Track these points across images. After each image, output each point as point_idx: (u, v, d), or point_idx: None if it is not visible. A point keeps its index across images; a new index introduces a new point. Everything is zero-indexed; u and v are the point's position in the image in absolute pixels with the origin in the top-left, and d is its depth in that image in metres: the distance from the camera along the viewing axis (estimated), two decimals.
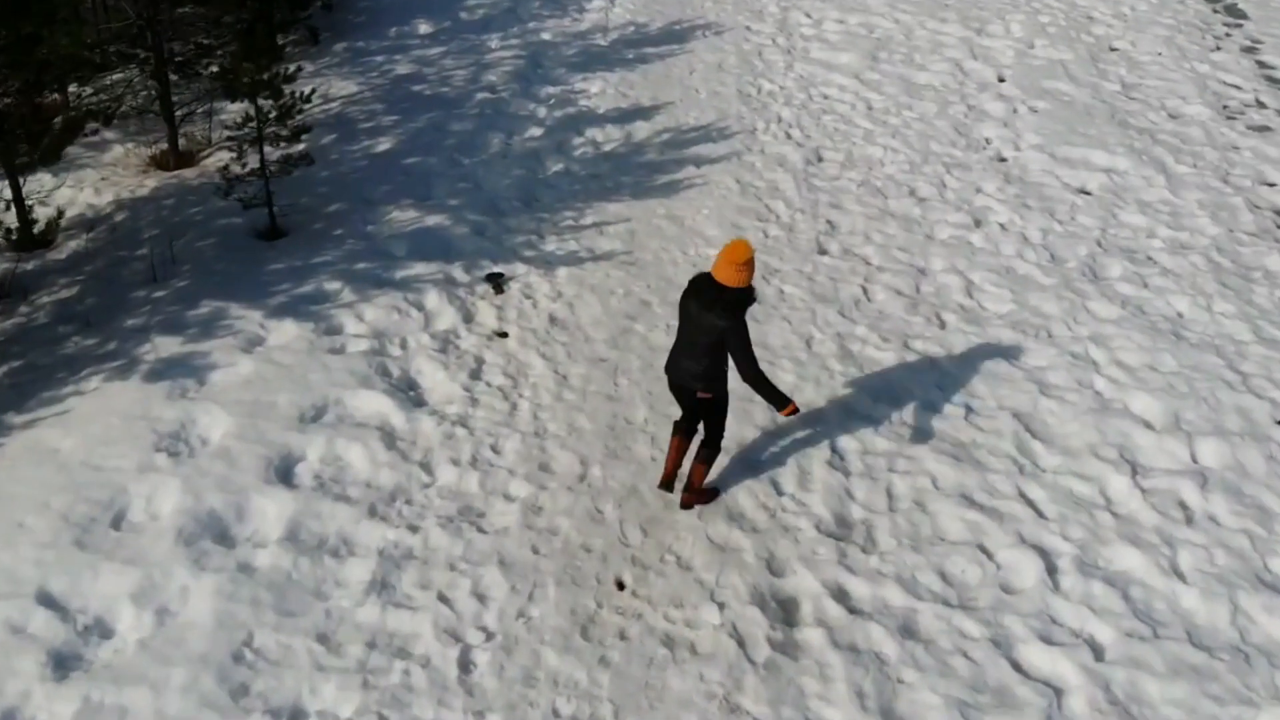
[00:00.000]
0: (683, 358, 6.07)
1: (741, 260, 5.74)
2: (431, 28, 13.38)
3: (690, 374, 6.05)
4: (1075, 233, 9.57)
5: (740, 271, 5.77)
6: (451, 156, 10.57)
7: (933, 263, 9.15)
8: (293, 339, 7.90)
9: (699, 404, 6.22)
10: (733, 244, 5.82)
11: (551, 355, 7.96)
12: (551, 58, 12.79)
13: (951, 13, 14.21)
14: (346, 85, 11.96)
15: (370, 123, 11.17)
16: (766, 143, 11.11)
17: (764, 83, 12.38)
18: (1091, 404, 7.52)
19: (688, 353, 6.03)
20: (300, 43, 13.24)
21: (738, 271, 5.77)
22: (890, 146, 11.01)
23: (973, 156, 10.87)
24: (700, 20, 13.90)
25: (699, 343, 5.94)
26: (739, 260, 5.75)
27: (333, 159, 10.48)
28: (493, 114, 11.46)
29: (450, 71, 12.27)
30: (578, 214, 9.80)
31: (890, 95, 12.06)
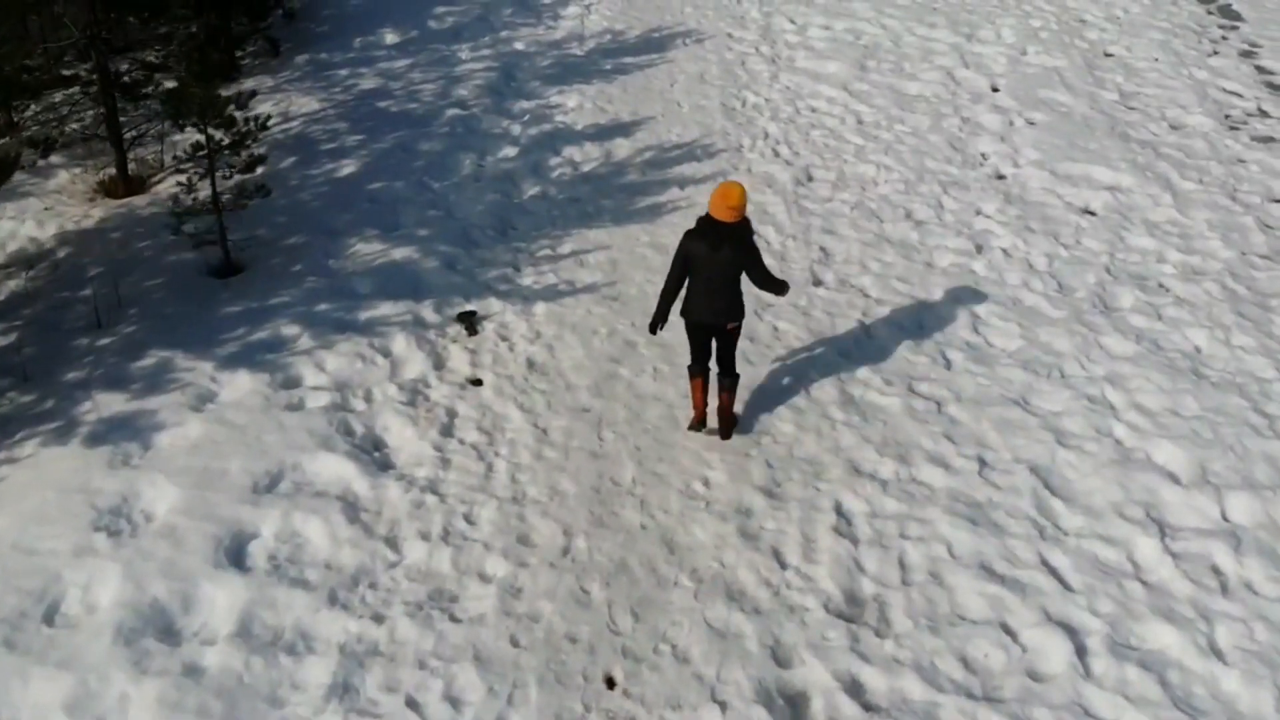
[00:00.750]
0: (708, 299, 6.55)
1: (736, 203, 6.32)
2: (398, 37, 12.64)
3: (719, 311, 6.57)
4: (1082, 258, 8.99)
5: (738, 209, 6.34)
6: (420, 180, 9.87)
7: (934, 294, 8.55)
8: (246, 394, 7.21)
9: (724, 337, 6.71)
10: (724, 187, 6.39)
11: (530, 406, 7.30)
12: (526, 69, 12.09)
13: (940, 17, 13.60)
14: (308, 102, 11.22)
15: (333, 143, 10.44)
16: (753, 161, 10.47)
17: (749, 95, 11.73)
18: (1112, 455, 6.94)
19: (712, 293, 6.53)
20: (260, 55, 12.48)
21: (736, 211, 6.34)
22: (883, 164, 10.40)
23: (970, 174, 10.27)
24: (680, 27, 13.23)
25: (720, 281, 6.49)
26: (733, 203, 6.32)
27: (292, 185, 9.75)
28: (464, 132, 10.76)
29: (418, 86, 11.55)
30: (556, 243, 9.13)
31: (880, 107, 11.44)
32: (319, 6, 13.37)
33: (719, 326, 6.63)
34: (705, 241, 6.41)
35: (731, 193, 6.33)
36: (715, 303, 6.55)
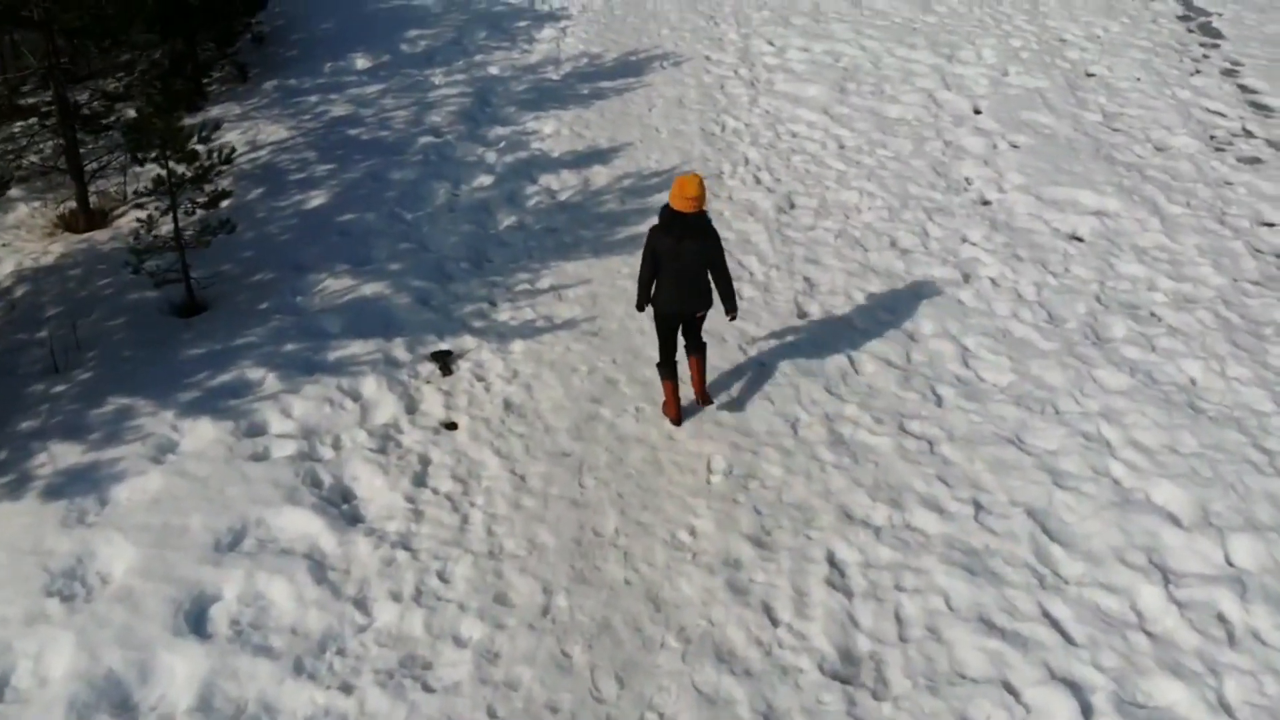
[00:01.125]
0: (677, 290, 6.81)
1: (694, 193, 6.54)
2: (370, 62, 12.32)
3: (687, 301, 6.86)
4: (1071, 287, 8.76)
5: (698, 199, 6.56)
6: (392, 211, 9.55)
7: (922, 326, 8.29)
8: (209, 443, 6.85)
9: (693, 323, 7.06)
10: (681, 179, 6.58)
11: (507, 451, 6.98)
12: (500, 94, 11.80)
13: (920, 38, 13.41)
14: (276, 130, 10.88)
15: (302, 173, 10.10)
16: (734, 188, 10.21)
17: (728, 119, 11.48)
18: (1111, 496, 6.69)
19: (681, 284, 6.79)
20: (228, 80, 12.14)
21: (696, 201, 6.56)
22: (866, 190, 10.15)
23: (954, 200, 10.04)
24: (657, 50, 12.97)
25: (691, 270, 6.75)
26: (690, 193, 6.54)
27: (259, 217, 9.41)
28: (437, 160, 10.45)
29: (390, 112, 11.23)
30: (533, 276, 8.82)
31: (862, 131, 11.21)
32: (289, 31, 13.04)
33: (688, 315, 6.94)
34: (670, 235, 6.62)
35: (689, 184, 6.52)
36: (684, 292, 6.81)
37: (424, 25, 13.17)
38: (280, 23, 13.30)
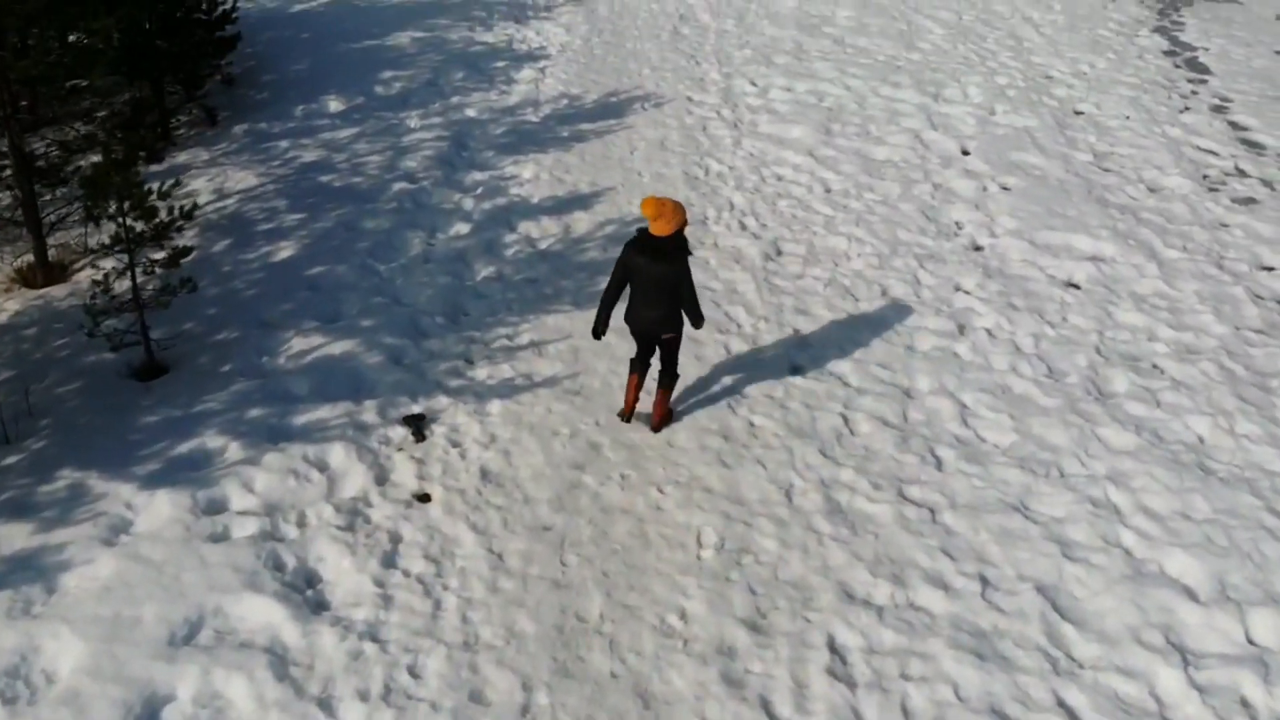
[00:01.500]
0: (644, 309, 6.78)
1: (655, 214, 6.45)
2: (343, 105, 11.92)
3: (654, 321, 6.79)
4: (1070, 338, 8.42)
5: (669, 220, 6.46)
6: (364, 263, 9.12)
7: (918, 381, 7.91)
8: (165, 522, 6.38)
9: (663, 345, 6.97)
10: (656, 201, 6.49)
11: (484, 526, 6.54)
12: (478, 138, 11.42)
13: (904, 76, 13.13)
14: (245, 177, 10.45)
15: (270, 223, 9.67)
16: (720, 234, 9.84)
17: (711, 162, 11.13)
18: (1123, 568, 6.30)
19: (648, 304, 6.74)
20: (196, 124, 11.71)
21: (667, 222, 6.46)
22: (855, 236, 9.80)
23: (945, 245, 9.70)
24: (638, 91, 12.63)
25: (656, 294, 6.66)
26: (654, 214, 6.45)
27: (225, 271, 8.97)
28: (412, 208, 10.04)
29: (363, 158, 10.83)
30: (512, 330, 8.41)
31: (848, 174, 10.87)
32: (260, 72, 12.65)
33: (655, 336, 6.90)
34: (644, 255, 6.58)
35: (663, 206, 6.46)
36: (651, 313, 6.78)
37: (399, 66, 12.80)
38: (251, 64, 12.91)
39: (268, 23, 14.03)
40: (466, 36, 13.78)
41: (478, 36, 13.83)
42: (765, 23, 14.73)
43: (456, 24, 14.20)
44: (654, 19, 14.85)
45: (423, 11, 14.51)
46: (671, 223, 6.49)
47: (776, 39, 14.17)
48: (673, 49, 13.86)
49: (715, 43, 14.08)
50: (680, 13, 15.10)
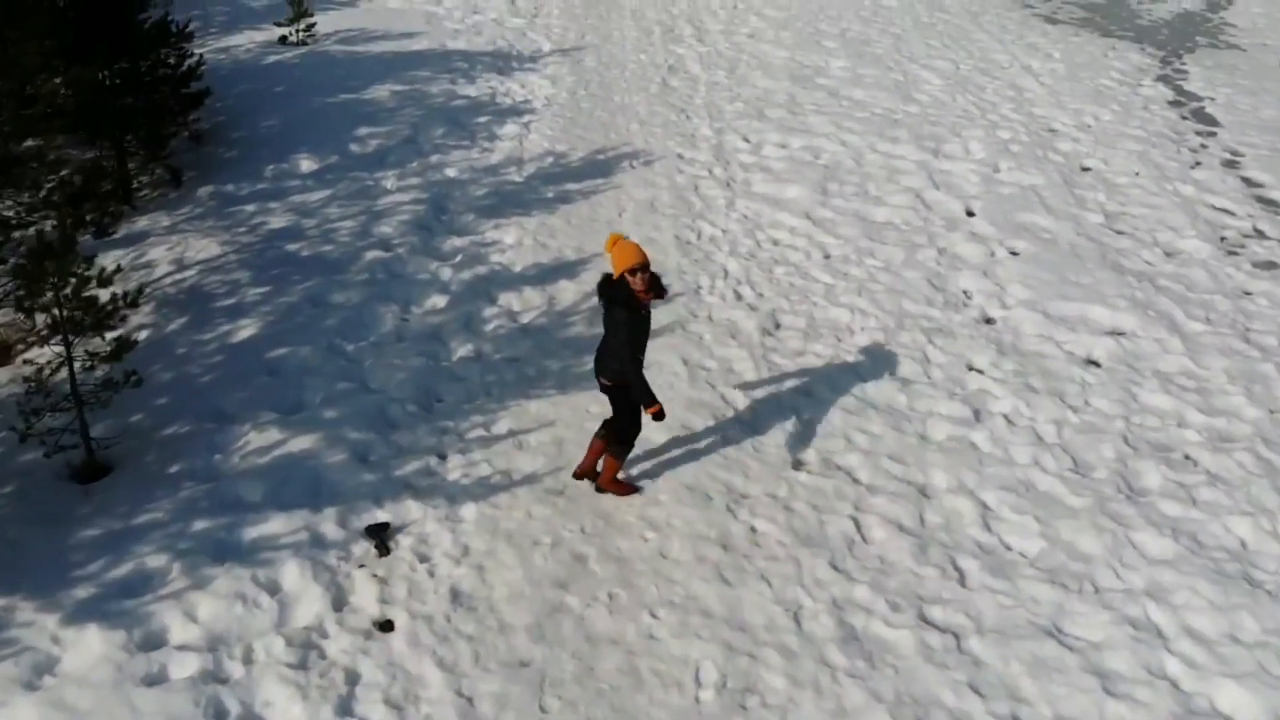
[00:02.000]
0: (602, 352, 6.43)
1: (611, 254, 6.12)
2: (316, 164, 11.19)
3: (604, 365, 6.37)
4: (1094, 424, 7.69)
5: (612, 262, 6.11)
6: (331, 343, 8.35)
7: (934, 477, 7.17)
8: (96, 660, 5.58)
9: (608, 394, 6.48)
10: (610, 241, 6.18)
11: (453, 661, 5.74)
12: (458, 200, 10.69)
13: (903, 131, 12.48)
14: (207, 245, 9.69)
15: (232, 298, 8.91)
16: (714, 305, 9.11)
17: (704, 225, 10.42)
18: (1171, 705, 5.56)
19: (603, 347, 6.40)
20: (160, 184, 10.96)
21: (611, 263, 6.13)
22: (857, 307, 9.09)
23: (954, 317, 8.99)
24: (627, 148, 11.94)
25: (607, 337, 6.31)
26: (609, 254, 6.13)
27: (179, 354, 8.19)
28: (386, 279, 9.29)
29: (335, 223, 10.09)
30: (490, 419, 7.65)
31: (848, 238, 10.17)
32: (230, 128, 11.93)
33: (600, 382, 6.51)
34: (600, 297, 6.29)
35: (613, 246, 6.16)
36: (606, 358, 6.39)
37: (376, 122, 12.09)
38: (221, 119, 12.19)
39: (241, 75, 13.34)
40: (448, 90, 13.10)
41: (459, 90, 13.15)
42: (757, 74, 14.10)
43: (438, 76, 13.52)
44: (642, 70, 14.21)
45: (403, 63, 13.84)
46: (614, 265, 6.12)
47: (769, 91, 13.54)
48: (662, 102, 13.20)
49: (706, 95, 13.43)
50: (669, 64, 14.47)
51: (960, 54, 15.08)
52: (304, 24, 14.23)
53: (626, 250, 6.09)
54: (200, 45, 13.81)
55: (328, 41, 14.42)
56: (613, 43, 15.28)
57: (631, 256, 6.06)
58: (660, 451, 7.31)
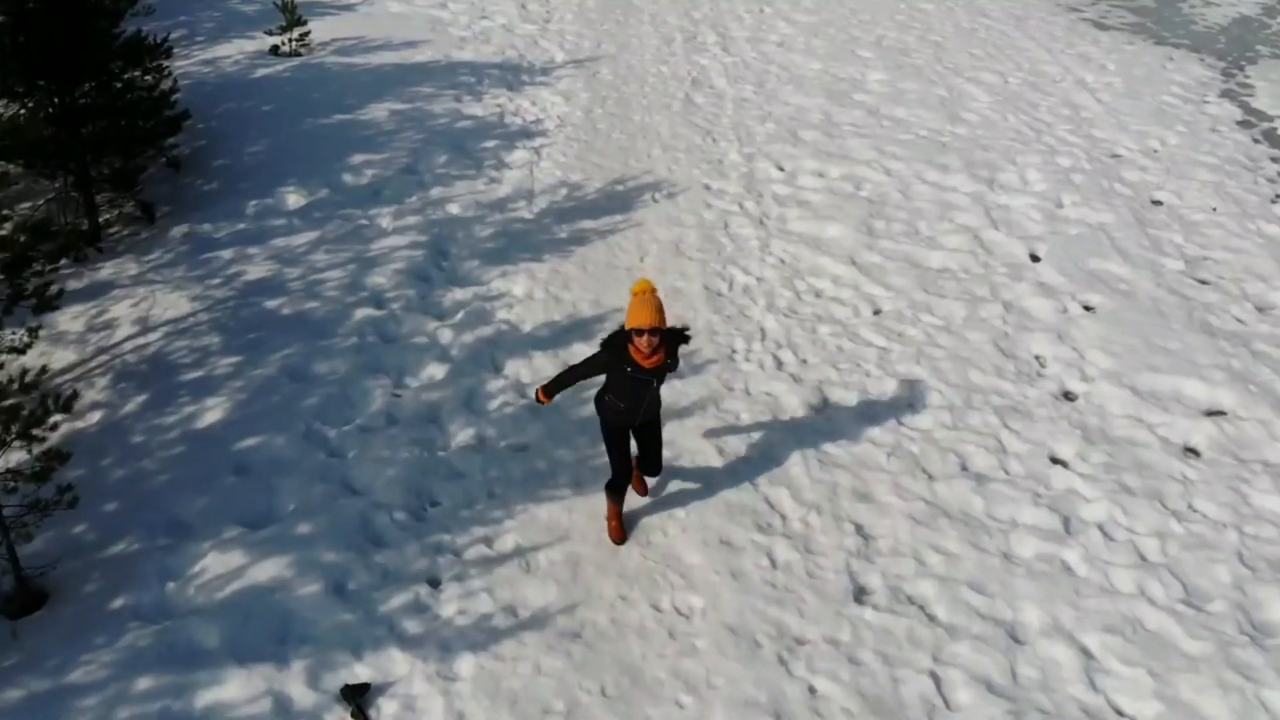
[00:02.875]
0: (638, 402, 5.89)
1: None
2: (304, 198, 9.87)
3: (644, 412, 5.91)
4: (1203, 537, 6.39)
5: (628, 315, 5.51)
6: (310, 429, 7.07)
7: (1024, 613, 5.88)
8: None
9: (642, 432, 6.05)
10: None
11: None
12: (461, 243, 9.37)
13: (953, 157, 11.09)
14: (176, 301, 8.40)
15: (199, 369, 7.62)
16: (750, 375, 7.80)
17: (736, 272, 9.09)
18: None
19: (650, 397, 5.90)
20: (131, 220, 9.66)
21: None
22: (916, 378, 7.77)
23: (1029, 393, 7.65)
24: (648, 177, 10.59)
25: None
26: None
27: (134, 445, 6.91)
28: (376, 343, 7.99)
29: (321, 273, 8.78)
30: (493, 530, 6.37)
31: (900, 289, 8.83)
32: (211, 154, 10.61)
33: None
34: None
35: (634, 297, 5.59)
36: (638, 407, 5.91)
37: (372, 148, 10.75)
38: (202, 144, 10.87)
39: (226, 91, 12.00)
40: (452, 109, 11.74)
41: (465, 109, 11.79)
42: (788, 89, 12.70)
43: (441, 93, 12.16)
44: (663, 84, 12.83)
45: (404, 78, 12.48)
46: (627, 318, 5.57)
47: (802, 110, 12.15)
48: (686, 123, 11.83)
49: (734, 114, 12.05)
50: (693, 76, 13.08)
51: (1007, 65, 13.65)
52: (297, 33, 12.86)
53: (637, 309, 5.43)
54: (184, 58, 12.51)
55: (323, 52, 13.06)
56: (631, 52, 13.89)
57: (637, 317, 5.41)
58: (696, 576, 6.03)
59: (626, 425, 5.87)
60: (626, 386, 5.63)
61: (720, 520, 6.44)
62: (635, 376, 5.57)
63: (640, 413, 5.78)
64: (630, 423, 5.85)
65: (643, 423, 5.91)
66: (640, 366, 5.53)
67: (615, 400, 5.73)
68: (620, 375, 5.60)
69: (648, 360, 5.52)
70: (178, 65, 12.19)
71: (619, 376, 5.62)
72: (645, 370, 5.54)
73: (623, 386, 5.65)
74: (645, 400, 5.72)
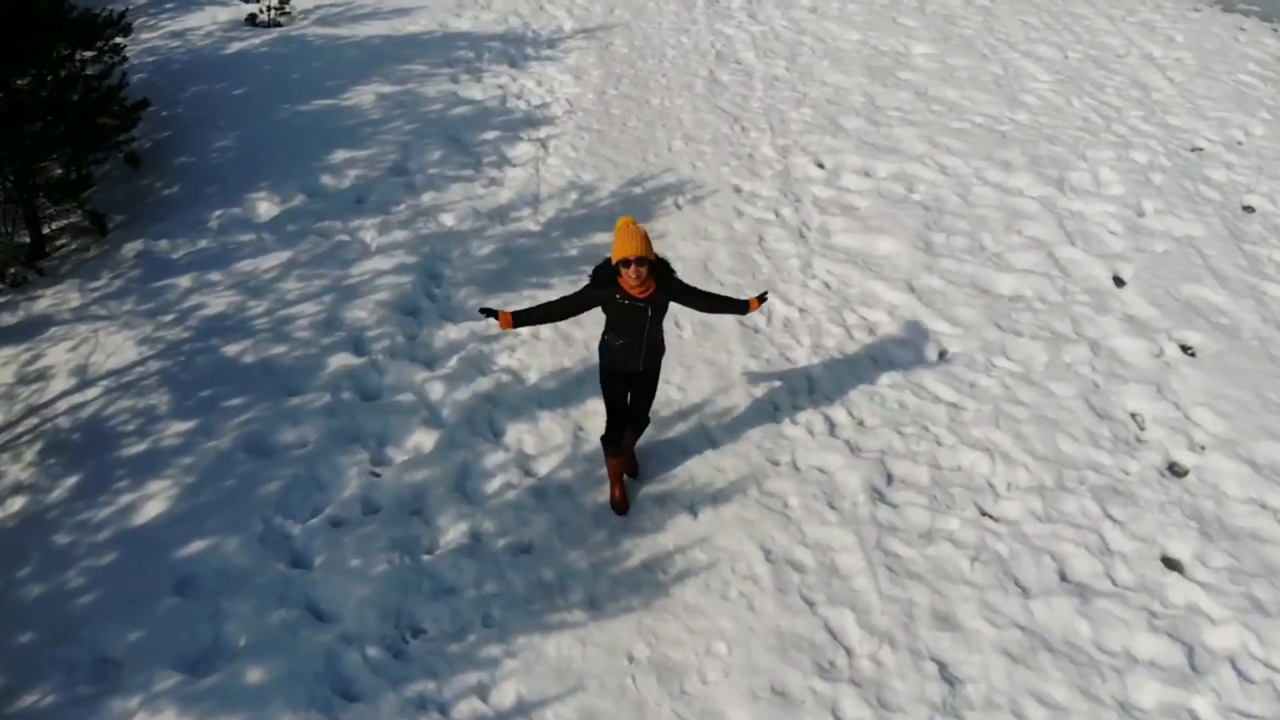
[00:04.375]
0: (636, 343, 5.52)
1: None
2: (276, 207, 8.33)
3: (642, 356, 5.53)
4: None
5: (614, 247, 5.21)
6: (269, 526, 5.66)
7: None
8: None
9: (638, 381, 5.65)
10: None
11: None
12: (456, 264, 7.86)
13: (1014, 150, 9.48)
14: (122, 345, 6.93)
15: (142, 441, 6.19)
16: (797, 442, 6.36)
17: (775, 301, 7.58)
18: None
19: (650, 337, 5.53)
20: (80, 232, 8.14)
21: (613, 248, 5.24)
22: (997, 448, 6.32)
23: (1130, 466, 6.21)
24: (669, 177, 9.01)
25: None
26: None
27: (58, 548, 5.52)
28: (353, 403, 6.54)
29: (293, 306, 7.29)
30: (489, 673, 5.00)
31: (969, 325, 7.33)
32: (174, 149, 9.05)
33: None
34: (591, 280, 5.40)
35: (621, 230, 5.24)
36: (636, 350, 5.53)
37: (356, 142, 9.17)
38: (165, 135, 9.30)
39: (195, 71, 10.36)
40: (448, 92, 10.11)
41: (462, 91, 10.16)
42: (825, 64, 11.03)
43: (436, 71, 10.51)
44: (684, 59, 11.15)
45: (394, 52, 10.81)
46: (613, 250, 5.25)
47: (841, 90, 10.49)
48: (710, 107, 10.19)
49: (764, 96, 10.40)
50: (717, 49, 11.39)
51: (1066, 36, 11.92)
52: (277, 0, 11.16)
53: (624, 240, 5.14)
54: (150, 29, 10.83)
55: (305, 22, 11.37)
56: (646, 18, 12.17)
57: (625, 248, 5.11)
58: None
59: (630, 370, 5.47)
60: (623, 317, 5.31)
61: (771, 659, 5.05)
62: (631, 304, 5.24)
63: (642, 352, 5.42)
64: (633, 367, 5.46)
65: (645, 369, 5.51)
66: (632, 295, 5.21)
67: (614, 337, 5.39)
68: (614, 306, 5.29)
69: (641, 290, 5.21)
70: (142, 38, 10.55)
71: (613, 308, 5.30)
72: (640, 298, 5.22)
73: (620, 319, 5.33)
74: (646, 334, 5.37)
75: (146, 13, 11.46)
